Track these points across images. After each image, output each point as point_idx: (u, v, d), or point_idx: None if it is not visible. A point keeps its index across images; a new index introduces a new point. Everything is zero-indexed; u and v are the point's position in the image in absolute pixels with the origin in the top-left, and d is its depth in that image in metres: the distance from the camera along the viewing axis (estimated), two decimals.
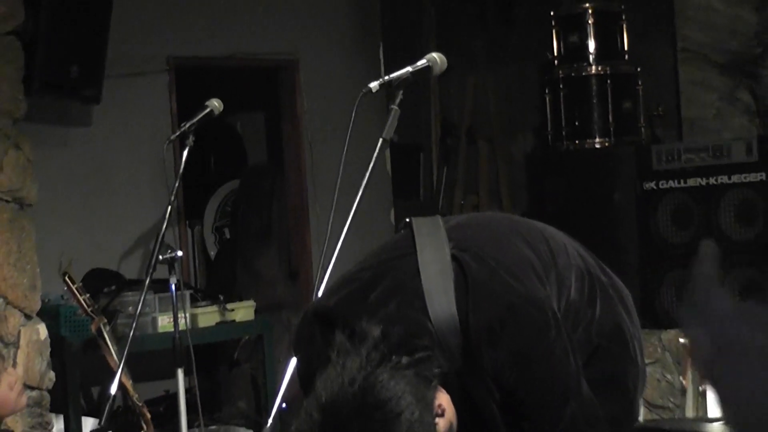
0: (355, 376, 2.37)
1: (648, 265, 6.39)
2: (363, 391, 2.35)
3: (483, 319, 2.53)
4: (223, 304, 6.28)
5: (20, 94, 5.57)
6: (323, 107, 7.41)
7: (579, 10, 6.96)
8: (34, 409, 5.44)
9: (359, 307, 2.57)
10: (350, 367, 2.39)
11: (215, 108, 5.05)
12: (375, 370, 2.37)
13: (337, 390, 2.37)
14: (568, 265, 2.81)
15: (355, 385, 2.36)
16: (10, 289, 5.44)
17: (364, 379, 2.36)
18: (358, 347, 2.41)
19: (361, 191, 3.17)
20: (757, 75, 6.88)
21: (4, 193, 5.47)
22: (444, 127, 8.27)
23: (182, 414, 4.91)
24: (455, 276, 2.57)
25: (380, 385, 2.36)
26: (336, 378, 2.39)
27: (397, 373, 2.38)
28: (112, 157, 6.72)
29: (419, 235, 2.67)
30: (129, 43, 6.59)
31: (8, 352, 5.35)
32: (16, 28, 5.56)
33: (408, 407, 2.35)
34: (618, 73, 6.91)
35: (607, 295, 2.87)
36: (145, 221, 6.65)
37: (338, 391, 2.37)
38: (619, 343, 2.85)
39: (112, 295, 5.90)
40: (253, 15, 7.32)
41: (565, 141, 6.93)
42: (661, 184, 6.33)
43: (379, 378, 2.37)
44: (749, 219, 6.08)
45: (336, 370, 2.40)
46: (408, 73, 3.29)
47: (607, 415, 2.73)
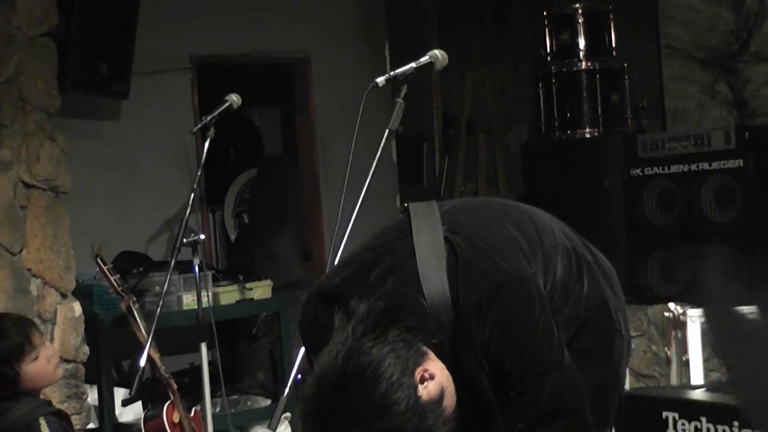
0: (341, 348, 2.39)
1: (634, 246, 6.40)
2: (345, 361, 2.37)
3: (472, 295, 2.54)
4: (242, 284, 6.30)
5: (55, 91, 5.58)
6: (333, 101, 7.42)
7: (570, 10, 6.96)
8: (70, 380, 5.47)
9: (360, 285, 2.59)
10: (338, 342, 2.41)
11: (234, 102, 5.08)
12: (358, 341, 2.39)
13: (327, 363, 2.39)
14: (554, 245, 2.82)
15: (339, 357, 2.38)
16: (47, 271, 5.46)
17: (348, 350, 2.38)
18: (347, 324, 2.43)
19: (369, 178, 3.19)
20: (734, 69, 6.88)
21: (41, 182, 5.48)
22: (445, 119, 8.27)
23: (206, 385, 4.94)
24: (447, 256, 2.59)
25: (362, 353, 2.38)
26: (328, 352, 2.41)
27: (378, 341, 2.39)
28: (139, 148, 6.73)
29: (415, 218, 2.69)
30: (154, 42, 6.59)
31: (46, 328, 5.37)
32: (51, 30, 5.57)
33: (387, 370, 2.36)
34: (606, 68, 6.92)
35: (592, 272, 2.88)
36: (170, 207, 6.66)
37: (327, 363, 2.39)
38: (604, 316, 2.87)
39: (141, 276, 5.91)
40: (268, 17, 7.33)
41: (558, 131, 6.93)
42: (647, 171, 6.33)
43: (362, 348, 2.38)
44: (728, 202, 6.08)
45: (329, 346, 2.42)
46: (412, 68, 3.31)
47: (595, 382, 2.75)
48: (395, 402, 2.35)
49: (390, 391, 2.35)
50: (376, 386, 2.35)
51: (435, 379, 2.46)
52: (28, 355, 4.20)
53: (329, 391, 2.37)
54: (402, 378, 2.38)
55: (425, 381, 2.43)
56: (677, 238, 6.25)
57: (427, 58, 3.36)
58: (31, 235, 5.43)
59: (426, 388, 2.43)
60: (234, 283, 6.28)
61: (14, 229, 5.37)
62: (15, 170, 5.39)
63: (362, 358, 2.37)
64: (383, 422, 2.33)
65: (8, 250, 5.34)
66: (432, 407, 2.41)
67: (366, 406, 2.34)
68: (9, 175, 5.37)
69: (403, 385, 2.37)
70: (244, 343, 6.91)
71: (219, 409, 5.76)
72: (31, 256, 5.43)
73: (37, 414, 4.17)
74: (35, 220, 5.45)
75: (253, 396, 6.45)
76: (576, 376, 2.62)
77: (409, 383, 2.39)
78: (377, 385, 2.35)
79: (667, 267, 6.30)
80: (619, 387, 2.96)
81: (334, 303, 2.60)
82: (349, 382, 2.36)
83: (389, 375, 2.36)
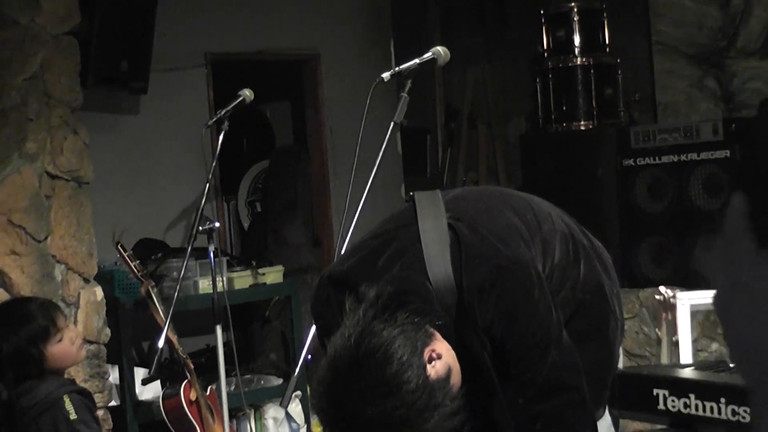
0: (352, 331, 2.39)
1: (627, 232, 6.40)
2: (357, 343, 2.37)
3: (475, 279, 2.54)
4: (255, 269, 6.30)
5: (77, 87, 5.58)
6: (342, 96, 7.41)
7: (565, 9, 6.95)
8: (93, 360, 5.47)
9: (369, 271, 2.60)
10: (350, 325, 2.41)
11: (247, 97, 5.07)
12: (369, 324, 2.39)
13: (339, 345, 2.39)
14: (552, 231, 2.82)
15: (351, 339, 2.38)
16: (70, 257, 5.47)
17: (360, 332, 2.38)
18: (358, 307, 2.43)
19: (375, 169, 3.18)
20: (721, 65, 6.87)
21: (64, 173, 5.48)
22: (448, 112, 8.27)
23: (221, 365, 4.94)
24: (451, 243, 2.59)
25: (373, 335, 2.38)
26: (340, 335, 2.41)
27: (388, 324, 2.40)
28: (157, 141, 6.73)
29: (420, 207, 2.69)
30: (171, 41, 6.59)
31: (70, 311, 5.38)
32: (73, 28, 5.57)
33: (398, 351, 2.37)
34: (600, 63, 6.91)
35: (588, 257, 2.88)
36: (186, 197, 6.66)
37: (340, 345, 2.39)
38: (600, 298, 2.87)
39: (159, 262, 5.91)
40: (279, 16, 7.32)
41: (554, 124, 6.93)
42: (639, 161, 6.33)
43: (373, 330, 2.38)
44: (715, 191, 6.07)
45: (341, 329, 2.42)
46: (416, 64, 3.30)
47: (591, 361, 2.75)
48: (406, 381, 2.35)
49: (401, 370, 2.36)
50: (388, 366, 2.35)
51: (442, 359, 2.46)
52: (53, 337, 4.20)
53: (342, 372, 2.37)
54: (411, 358, 2.38)
55: (433, 360, 2.44)
56: (668, 225, 6.25)
57: (430, 55, 3.36)
58: (56, 223, 5.44)
59: (434, 368, 2.43)
60: (247, 269, 6.28)
61: (39, 217, 5.37)
62: (40, 162, 5.40)
63: (373, 340, 2.37)
64: (395, 400, 2.33)
65: (34, 238, 5.34)
66: (440, 385, 2.41)
67: (378, 385, 2.34)
68: (34, 167, 5.37)
69: (413, 364, 2.38)
70: (257, 325, 6.91)
71: (233, 387, 5.76)
72: (56, 243, 5.43)
73: (61, 392, 4.18)
74: (59, 209, 5.46)
75: (265, 375, 6.45)
76: (573, 354, 2.62)
77: (418, 363, 2.39)
78: (388, 365, 2.35)
79: (658, 252, 6.30)
80: (613, 365, 2.96)
81: (344, 287, 2.61)
82: (362, 363, 2.36)
83: (399, 355, 2.36)
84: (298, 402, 6.27)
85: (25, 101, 5.33)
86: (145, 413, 5.65)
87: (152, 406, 5.57)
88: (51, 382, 4.19)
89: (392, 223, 2.75)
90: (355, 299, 2.48)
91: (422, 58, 3.32)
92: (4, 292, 5.20)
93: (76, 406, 4.16)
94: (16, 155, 5.31)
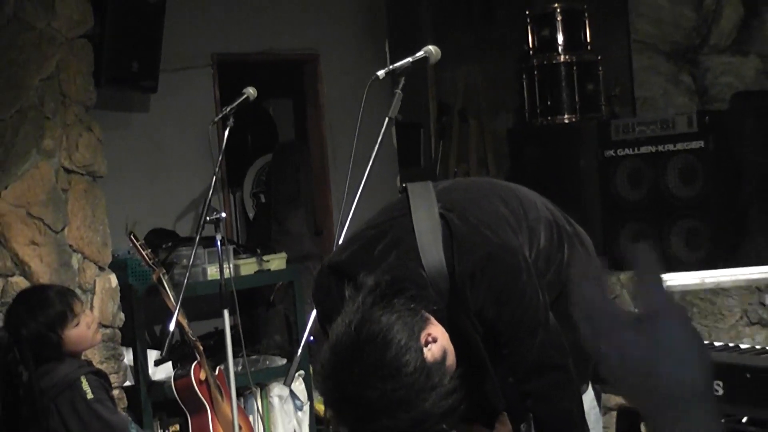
0: (353, 317, 2.38)
1: (608, 218, 6.40)
2: (358, 329, 2.36)
3: (466, 266, 2.54)
4: (260, 256, 6.29)
5: (91, 87, 5.58)
6: (340, 93, 7.40)
7: (549, 9, 6.95)
8: (108, 343, 5.48)
9: (366, 260, 2.59)
10: (350, 311, 2.40)
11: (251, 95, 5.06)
12: (368, 310, 2.38)
13: (341, 331, 2.39)
14: (537, 218, 2.82)
15: (352, 325, 2.37)
16: (86, 246, 5.47)
17: (360, 319, 2.37)
18: (357, 295, 2.43)
19: (372, 161, 3.18)
20: (695, 61, 6.87)
21: (80, 167, 5.48)
22: (440, 107, 8.26)
23: (228, 346, 4.94)
24: (443, 232, 2.58)
25: (372, 322, 2.37)
26: (340, 322, 2.40)
27: (386, 310, 2.39)
28: (166, 137, 6.72)
29: (413, 197, 2.68)
30: (179, 42, 6.58)
31: (86, 297, 5.38)
32: (87, 32, 5.56)
33: (396, 335, 2.36)
34: (582, 61, 6.91)
35: (571, 242, 2.88)
36: (194, 189, 6.66)
37: (341, 332, 2.39)
38: None
39: (169, 250, 5.91)
40: (281, 18, 7.31)
41: (540, 118, 6.93)
42: (619, 152, 6.32)
43: (372, 316, 2.37)
44: (691, 179, 6.07)
45: (341, 316, 2.42)
46: (408, 62, 3.30)
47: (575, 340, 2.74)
48: (405, 364, 2.35)
49: (399, 354, 2.35)
50: (387, 351, 2.34)
51: (438, 342, 2.45)
52: (70, 322, 4.20)
53: (344, 357, 2.36)
54: (409, 342, 2.37)
55: (429, 344, 2.43)
56: (646, 211, 6.25)
57: (423, 53, 3.35)
58: (72, 215, 5.44)
59: (430, 351, 2.42)
60: (252, 256, 6.28)
61: (57, 209, 5.37)
62: (57, 158, 5.40)
63: (373, 326, 2.36)
64: (395, 383, 2.33)
65: (52, 229, 5.34)
66: (437, 367, 2.41)
67: (378, 368, 2.33)
68: (52, 162, 5.37)
69: (411, 348, 2.37)
70: (262, 309, 6.91)
71: (240, 368, 5.76)
72: (72, 233, 5.43)
73: (78, 373, 4.18)
74: (75, 202, 5.46)
75: (270, 356, 6.45)
76: (560, 334, 2.62)
77: (415, 347, 2.38)
78: (388, 349, 2.35)
79: (637, 238, 6.30)
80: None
81: (343, 276, 2.60)
82: (363, 348, 2.35)
83: (398, 340, 2.36)
84: (301, 381, 6.27)
85: (42, 100, 5.33)
86: (158, 392, 5.65)
87: (164, 385, 5.57)
88: (69, 364, 4.19)
89: (387, 213, 2.74)
90: (354, 287, 2.48)
91: (415, 56, 3.32)
92: (24, 280, 5.20)
93: (93, 387, 4.16)
94: (34, 151, 5.31)
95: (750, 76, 6.68)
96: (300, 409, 6.29)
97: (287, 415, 6.25)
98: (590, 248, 2.96)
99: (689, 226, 6.08)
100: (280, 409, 6.21)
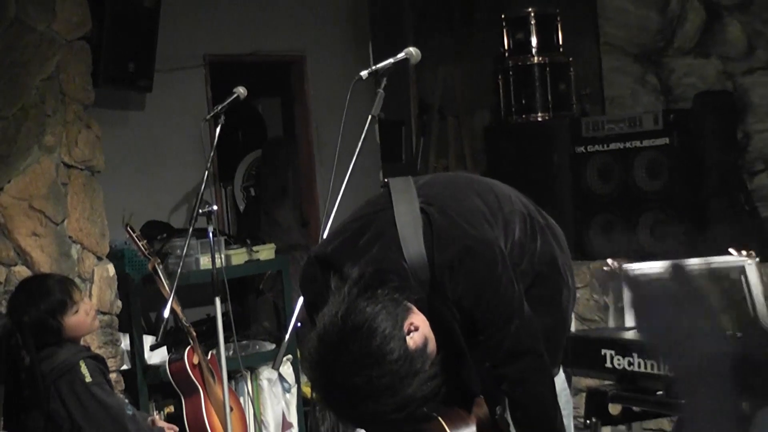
0: (339, 307, 2.38)
1: (579, 211, 6.41)
2: (344, 319, 2.36)
3: (445, 258, 2.54)
4: (250, 247, 6.28)
5: (89, 86, 5.56)
6: (325, 92, 7.39)
7: (524, 14, 6.95)
8: (106, 329, 5.46)
9: (350, 252, 2.59)
10: (336, 302, 2.40)
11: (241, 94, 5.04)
12: (354, 301, 2.38)
13: (328, 321, 2.38)
14: (512, 211, 2.82)
15: (338, 315, 2.37)
16: (85, 238, 5.45)
17: (346, 309, 2.37)
18: (343, 286, 2.43)
19: (356, 157, 3.18)
20: (661, 62, 6.89)
21: (79, 163, 5.47)
22: (420, 106, 8.25)
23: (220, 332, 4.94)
24: (423, 225, 2.59)
25: (358, 312, 2.37)
26: (327, 312, 2.40)
27: (371, 301, 2.39)
28: (161, 133, 6.71)
29: (395, 192, 2.68)
30: (173, 44, 6.56)
31: (85, 286, 5.36)
32: (85, 34, 5.54)
33: (381, 325, 2.36)
34: (554, 62, 6.91)
35: (544, 233, 2.89)
36: (188, 183, 6.64)
37: (328, 322, 2.38)
38: (554, 270, 2.87)
39: (164, 241, 5.90)
40: (270, 22, 7.30)
41: (515, 115, 6.93)
42: (589, 148, 6.34)
43: (357, 307, 2.38)
44: (656, 174, 6.09)
45: (328, 306, 2.42)
46: (390, 63, 3.30)
47: (547, 326, 2.75)
48: (389, 352, 2.35)
49: (384, 342, 2.35)
50: (372, 339, 2.35)
51: (419, 330, 2.46)
52: (69, 309, 4.20)
53: (332, 346, 2.36)
54: (393, 331, 2.37)
55: (411, 332, 2.44)
56: (615, 204, 6.27)
57: (404, 55, 3.35)
58: (72, 207, 5.42)
59: (413, 339, 2.43)
60: (243, 247, 6.27)
61: (57, 202, 5.36)
62: (57, 153, 5.38)
63: (359, 316, 2.36)
64: (380, 369, 2.33)
65: (52, 221, 5.33)
66: (419, 354, 2.41)
67: (364, 357, 2.34)
68: (52, 157, 5.36)
69: (395, 337, 2.37)
70: (252, 297, 6.91)
71: (231, 352, 5.76)
72: (72, 225, 5.42)
73: (77, 358, 4.18)
74: (75, 195, 5.44)
75: (260, 341, 6.45)
76: (533, 322, 2.63)
77: (399, 335, 2.38)
78: (373, 338, 2.35)
79: (606, 229, 6.32)
80: (566, 329, 2.97)
81: (329, 267, 2.60)
82: (349, 337, 2.35)
83: (383, 329, 2.36)
84: (289, 364, 6.27)
85: (43, 99, 5.32)
86: (154, 376, 5.64)
87: (159, 369, 5.57)
88: (68, 349, 4.19)
89: (370, 207, 2.74)
90: (339, 278, 2.48)
91: (396, 58, 3.32)
92: (26, 269, 5.19)
93: (91, 370, 4.16)
94: (35, 147, 5.30)
95: (711, 76, 6.70)
96: (288, 391, 6.30)
97: (276, 397, 6.25)
98: (562, 239, 2.97)
99: (655, 217, 6.10)
100: (269, 392, 6.22)
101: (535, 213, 2.92)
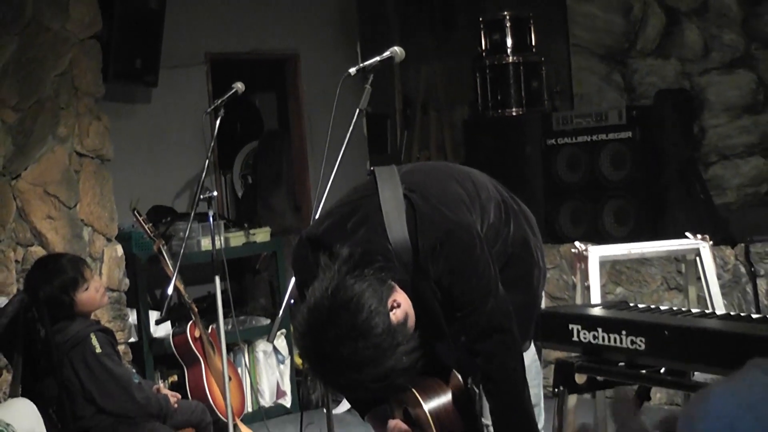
0: (329, 284, 2.38)
1: (550, 198, 6.41)
2: (333, 294, 2.36)
3: (427, 241, 2.54)
4: (247, 230, 6.29)
5: (100, 81, 5.56)
6: (317, 88, 7.39)
7: (500, 17, 6.93)
8: (115, 305, 5.47)
9: (339, 233, 2.58)
10: (326, 278, 2.40)
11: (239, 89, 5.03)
12: (343, 278, 2.38)
13: (318, 295, 2.39)
14: (488, 198, 2.83)
15: (328, 291, 2.37)
16: (96, 221, 5.45)
17: (336, 285, 2.37)
18: (332, 264, 2.43)
19: (344, 148, 3.17)
20: (625, 63, 6.90)
21: (90, 152, 5.46)
22: (404, 101, 8.25)
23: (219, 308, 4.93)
24: (407, 210, 2.58)
25: (346, 288, 2.37)
26: (318, 287, 2.40)
27: (359, 279, 2.39)
28: (166, 125, 6.70)
29: (380, 179, 2.67)
30: (177, 43, 6.55)
31: (95, 265, 5.37)
32: (97, 33, 5.53)
33: (367, 301, 2.36)
34: (528, 61, 6.90)
35: (517, 218, 2.89)
36: (190, 171, 6.64)
37: (318, 295, 2.38)
38: (526, 251, 2.88)
39: (168, 224, 5.90)
40: (267, 23, 7.29)
41: (491, 110, 6.92)
42: (559, 141, 6.33)
43: (346, 284, 2.37)
44: (620, 164, 6.09)
45: (318, 282, 2.42)
46: (377, 61, 3.29)
47: (519, 303, 2.76)
48: (374, 326, 2.35)
49: (370, 317, 2.35)
50: (359, 314, 2.35)
51: (401, 307, 2.46)
52: (81, 286, 4.20)
53: (321, 318, 2.36)
54: (378, 307, 2.38)
55: (394, 309, 2.44)
56: (582, 192, 6.27)
57: (389, 53, 3.34)
58: (83, 193, 5.42)
59: (395, 314, 2.43)
60: (241, 230, 6.28)
61: (70, 188, 5.35)
62: (70, 143, 5.38)
63: (347, 292, 2.36)
64: (365, 342, 2.33)
65: (66, 205, 5.32)
66: (400, 328, 2.42)
67: (351, 329, 2.34)
68: (66, 147, 5.35)
69: (380, 312, 2.37)
70: (249, 276, 6.91)
71: (230, 326, 5.77)
72: (83, 209, 5.41)
73: (88, 331, 4.17)
74: (86, 182, 5.44)
75: (256, 316, 6.46)
76: (507, 302, 2.63)
77: (384, 311, 2.39)
78: (359, 313, 2.35)
79: (574, 215, 6.33)
80: (537, 306, 2.98)
81: (319, 247, 2.60)
82: (338, 311, 2.35)
83: (369, 305, 2.36)
84: (283, 338, 6.28)
85: (57, 93, 5.31)
86: (158, 348, 5.65)
87: (164, 342, 5.57)
88: (80, 323, 4.19)
89: (357, 193, 2.73)
90: (329, 257, 2.47)
91: (382, 56, 3.31)
92: (42, 249, 5.18)
93: (101, 342, 4.16)
94: (50, 137, 5.29)
95: (671, 76, 6.72)
96: (282, 362, 6.31)
97: (270, 367, 6.26)
98: (534, 223, 2.98)
99: (618, 204, 6.12)
100: (265, 363, 6.23)
101: (509, 199, 2.93)
